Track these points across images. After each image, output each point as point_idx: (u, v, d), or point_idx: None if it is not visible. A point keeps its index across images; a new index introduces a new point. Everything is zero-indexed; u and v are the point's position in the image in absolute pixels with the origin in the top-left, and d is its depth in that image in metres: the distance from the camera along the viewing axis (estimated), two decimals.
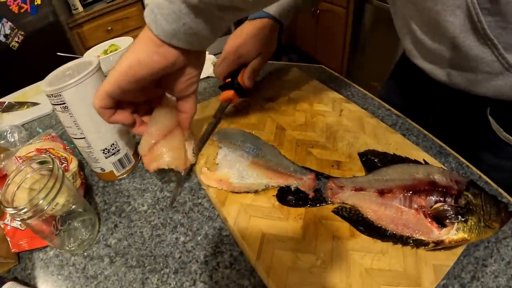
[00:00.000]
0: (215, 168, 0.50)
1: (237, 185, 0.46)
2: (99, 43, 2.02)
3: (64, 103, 0.43)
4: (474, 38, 0.45)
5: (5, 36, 1.78)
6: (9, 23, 1.77)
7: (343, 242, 0.39)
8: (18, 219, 0.41)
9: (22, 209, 0.38)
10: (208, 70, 0.83)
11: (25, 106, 0.95)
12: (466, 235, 0.38)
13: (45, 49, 1.84)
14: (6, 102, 0.99)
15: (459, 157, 0.53)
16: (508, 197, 0.47)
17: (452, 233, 0.38)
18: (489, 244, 0.42)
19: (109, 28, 2.18)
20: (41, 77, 1.09)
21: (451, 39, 0.48)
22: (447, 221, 0.39)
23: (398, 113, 0.62)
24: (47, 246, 0.49)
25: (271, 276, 0.36)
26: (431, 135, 0.57)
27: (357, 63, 2.32)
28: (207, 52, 0.86)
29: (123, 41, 0.95)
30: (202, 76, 0.80)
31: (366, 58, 2.22)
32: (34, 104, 0.94)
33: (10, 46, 1.81)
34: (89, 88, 0.44)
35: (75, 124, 0.46)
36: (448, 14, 0.45)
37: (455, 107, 0.58)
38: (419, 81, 0.61)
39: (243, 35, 0.61)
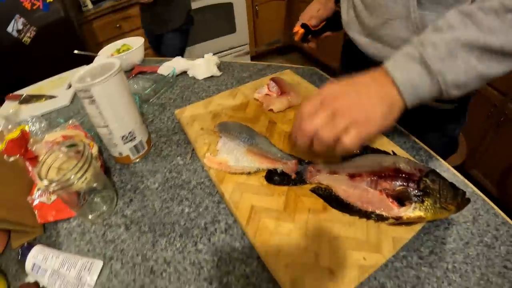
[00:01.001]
0: (216, 153, 0.60)
1: (234, 168, 0.55)
2: (108, 40, 2.10)
3: (92, 97, 0.52)
4: (406, 25, 0.57)
5: (18, 31, 1.84)
6: (22, 19, 1.83)
7: (317, 214, 0.48)
8: (52, 189, 0.49)
9: (57, 181, 0.47)
10: (211, 70, 0.92)
11: (43, 99, 1.03)
12: (422, 214, 0.46)
13: (56, 44, 1.92)
14: (24, 95, 1.08)
15: (430, 150, 0.61)
16: (470, 184, 0.55)
17: (409, 211, 0.46)
18: (449, 225, 0.49)
19: (118, 25, 2.26)
20: (52, 72, 1.18)
21: (386, 20, 0.59)
22: (406, 201, 0.47)
23: None
24: (70, 218, 0.57)
25: (257, 238, 0.46)
26: (405, 131, 0.66)
27: None
28: (210, 53, 0.95)
29: (135, 41, 1.04)
30: (205, 76, 0.90)
31: None
32: (51, 97, 1.02)
33: (23, 41, 1.86)
34: (113, 85, 0.54)
35: (100, 114, 0.55)
36: (390, 1, 0.57)
37: None
38: (359, 61, 0.69)
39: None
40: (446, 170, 0.58)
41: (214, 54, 0.96)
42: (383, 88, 0.44)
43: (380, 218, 0.47)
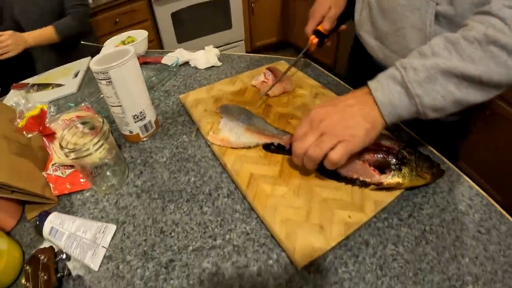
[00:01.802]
0: (218, 132, 0.66)
1: (235, 143, 0.62)
2: (106, 34, 2.14)
3: (110, 79, 0.59)
4: (418, 37, 0.59)
5: None
6: None
7: (308, 179, 0.55)
8: (71, 157, 0.54)
9: (78, 150, 0.53)
10: (213, 60, 0.98)
11: (50, 87, 1.08)
12: (400, 180, 0.53)
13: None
14: (30, 84, 1.13)
15: (410, 132, 0.68)
16: (447, 160, 0.62)
17: (389, 178, 0.53)
18: (427, 194, 0.56)
19: (117, 20, 2.31)
20: (51, 64, 1.22)
21: (399, 28, 0.61)
22: (386, 169, 0.54)
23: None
24: (84, 190, 0.63)
25: (256, 200, 0.53)
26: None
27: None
28: (211, 46, 1.02)
29: (139, 34, 1.09)
30: (206, 66, 0.96)
31: None
32: (58, 85, 1.07)
33: None
34: (128, 68, 0.60)
35: (115, 94, 0.61)
36: (407, 10, 0.58)
37: None
38: (365, 64, 0.74)
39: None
40: (425, 149, 0.65)
41: None
42: (365, 106, 0.49)
43: (364, 184, 0.54)
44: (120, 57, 0.59)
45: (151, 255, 0.50)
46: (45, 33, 1.36)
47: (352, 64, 0.92)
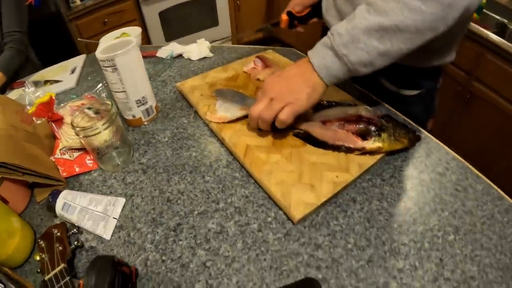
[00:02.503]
0: (215, 113, 0.72)
1: (231, 118, 0.68)
2: (96, 35, 2.17)
3: (115, 66, 0.64)
4: None
5: None
6: None
7: (298, 148, 0.62)
8: (82, 135, 0.59)
9: (89, 128, 0.58)
10: (205, 51, 1.04)
11: (48, 83, 1.12)
12: (380, 144, 0.60)
13: (48, 39, 1.99)
14: (26, 82, 1.16)
15: (388, 106, 0.75)
16: (423, 130, 0.68)
17: (370, 143, 0.60)
18: (406, 159, 0.62)
19: (106, 20, 2.34)
20: (43, 65, 1.22)
21: (356, 6, 0.65)
22: (367, 136, 0.61)
23: None
24: (91, 171, 0.67)
25: (252, 166, 0.59)
26: (367, 92, 0.79)
27: None
28: (203, 39, 1.07)
29: (133, 30, 1.13)
30: (199, 57, 1.02)
31: None
32: (56, 81, 1.11)
33: None
34: (132, 56, 0.66)
35: (120, 81, 0.66)
36: None
37: None
38: None
39: None
40: (403, 120, 0.72)
41: None
42: (306, 72, 0.57)
43: (348, 150, 0.60)
44: (123, 46, 0.64)
45: (160, 221, 0.55)
46: None
47: None
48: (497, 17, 1.75)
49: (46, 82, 1.13)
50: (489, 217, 0.52)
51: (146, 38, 2.66)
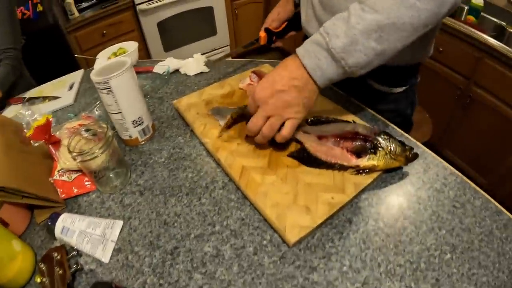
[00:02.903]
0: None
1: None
2: (95, 46, 2.18)
3: (110, 88, 0.64)
4: None
5: None
6: None
7: (294, 168, 0.62)
8: (79, 160, 0.59)
9: (85, 153, 0.58)
10: (201, 67, 1.04)
11: (47, 100, 1.12)
12: (375, 162, 0.60)
13: (47, 51, 2.01)
14: (27, 97, 1.17)
15: (386, 121, 0.75)
16: (421, 144, 0.68)
17: (365, 161, 0.60)
18: (403, 176, 0.62)
19: (104, 31, 2.36)
20: (42, 78, 1.24)
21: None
22: (362, 154, 0.61)
23: (341, 92, 0.85)
24: (89, 192, 0.68)
25: (248, 188, 0.59)
26: (365, 106, 0.80)
27: None
28: (199, 53, 1.08)
29: (129, 45, 1.14)
30: (196, 72, 1.02)
31: None
32: (55, 98, 1.11)
33: None
34: (126, 78, 0.66)
35: (115, 102, 0.67)
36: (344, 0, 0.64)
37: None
38: None
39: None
40: (400, 136, 0.72)
41: None
42: (297, 77, 0.55)
43: (342, 168, 0.60)
44: (118, 67, 0.65)
45: (157, 244, 0.56)
46: None
47: None
48: (495, 20, 1.76)
49: (45, 98, 1.13)
50: (487, 233, 0.52)
51: (145, 49, 2.69)
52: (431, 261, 0.49)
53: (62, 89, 1.16)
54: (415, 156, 0.61)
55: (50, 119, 0.70)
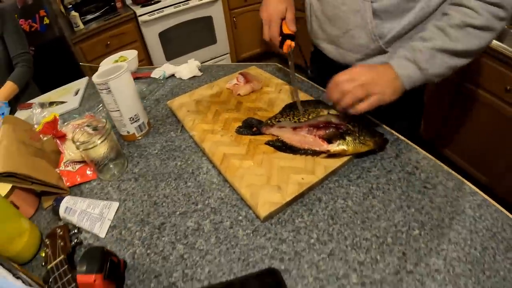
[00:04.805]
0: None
1: None
2: (99, 57, 2.29)
3: (109, 88, 0.74)
4: (364, 33, 0.73)
5: None
6: None
7: (269, 154, 0.70)
8: (81, 149, 0.68)
9: (87, 142, 0.67)
10: (194, 71, 1.14)
11: (54, 105, 1.22)
12: (344, 147, 0.65)
13: (54, 61, 2.12)
14: (36, 103, 1.27)
15: (393, 132, 0.77)
16: (395, 132, 0.74)
17: (335, 146, 0.66)
18: (374, 160, 0.67)
19: (108, 42, 2.47)
20: (50, 86, 1.37)
21: (346, 30, 0.75)
22: (333, 139, 0.67)
23: (322, 89, 0.93)
24: (91, 180, 0.76)
25: (227, 172, 0.67)
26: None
27: None
28: (193, 59, 1.17)
29: (130, 53, 1.24)
30: (189, 76, 1.12)
31: None
32: (62, 102, 1.21)
33: None
34: (123, 80, 0.75)
35: (114, 101, 0.76)
36: (349, 14, 0.72)
37: None
38: (327, 66, 0.87)
39: (268, 2, 0.79)
40: (380, 128, 0.76)
41: None
42: (391, 76, 0.64)
43: (315, 153, 0.67)
44: (116, 71, 0.74)
45: (147, 221, 0.64)
46: (7, 89, 1.46)
47: (314, 64, 1.08)
48: None
49: (51, 103, 1.23)
50: (460, 212, 0.55)
51: (147, 58, 2.79)
52: (398, 236, 0.52)
53: (68, 95, 1.26)
54: (385, 141, 0.66)
55: (57, 117, 0.79)
